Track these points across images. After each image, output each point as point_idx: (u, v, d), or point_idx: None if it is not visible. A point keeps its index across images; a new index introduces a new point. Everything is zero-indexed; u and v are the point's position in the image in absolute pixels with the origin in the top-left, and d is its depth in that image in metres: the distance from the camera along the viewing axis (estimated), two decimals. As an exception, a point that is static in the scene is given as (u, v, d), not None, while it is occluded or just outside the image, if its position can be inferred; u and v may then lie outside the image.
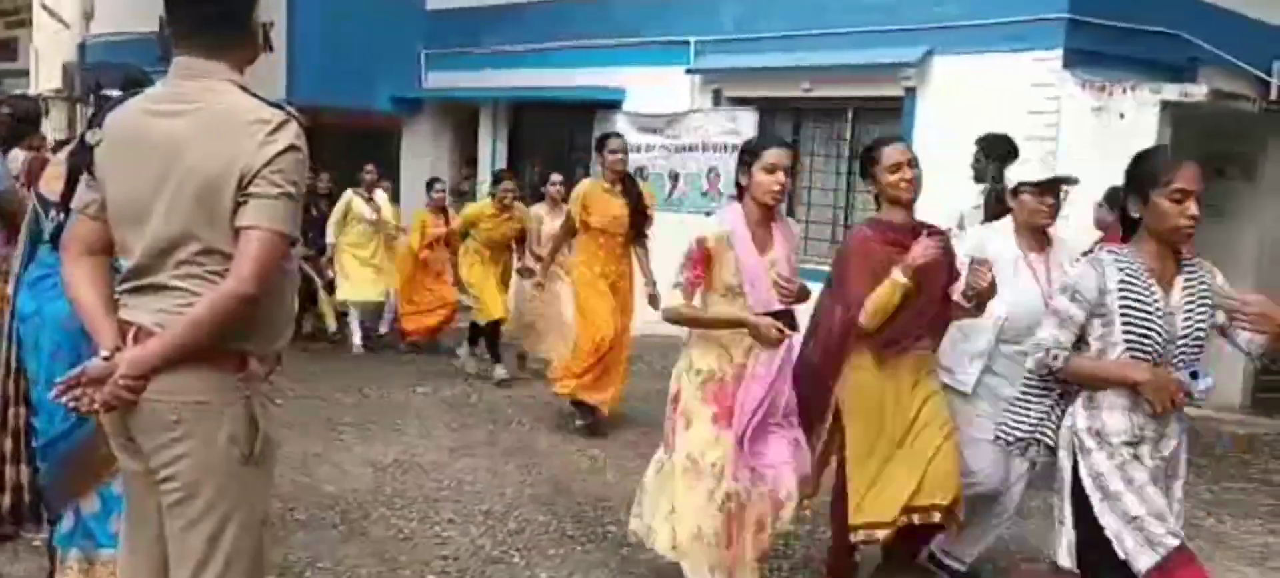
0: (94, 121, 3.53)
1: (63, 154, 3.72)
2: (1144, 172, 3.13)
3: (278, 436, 2.58)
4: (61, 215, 3.48)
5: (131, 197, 2.37)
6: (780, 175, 3.87)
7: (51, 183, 3.62)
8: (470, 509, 5.21)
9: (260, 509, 2.51)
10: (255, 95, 2.40)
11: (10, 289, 3.88)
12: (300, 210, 2.39)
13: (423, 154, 13.03)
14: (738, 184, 4.03)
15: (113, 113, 2.50)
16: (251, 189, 2.28)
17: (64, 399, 2.35)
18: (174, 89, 2.42)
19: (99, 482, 3.57)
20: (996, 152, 6.05)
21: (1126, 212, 3.26)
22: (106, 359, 2.32)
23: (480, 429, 6.81)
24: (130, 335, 2.37)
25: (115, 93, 3.52)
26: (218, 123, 2.33)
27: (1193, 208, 3.03)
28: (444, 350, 9.25)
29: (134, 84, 3.47)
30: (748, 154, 3.98)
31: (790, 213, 10.17)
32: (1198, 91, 7.83)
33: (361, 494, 5.34)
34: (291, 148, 2.32)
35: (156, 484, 2.41)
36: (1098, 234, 6.03)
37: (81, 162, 3.47)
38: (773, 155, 3.89)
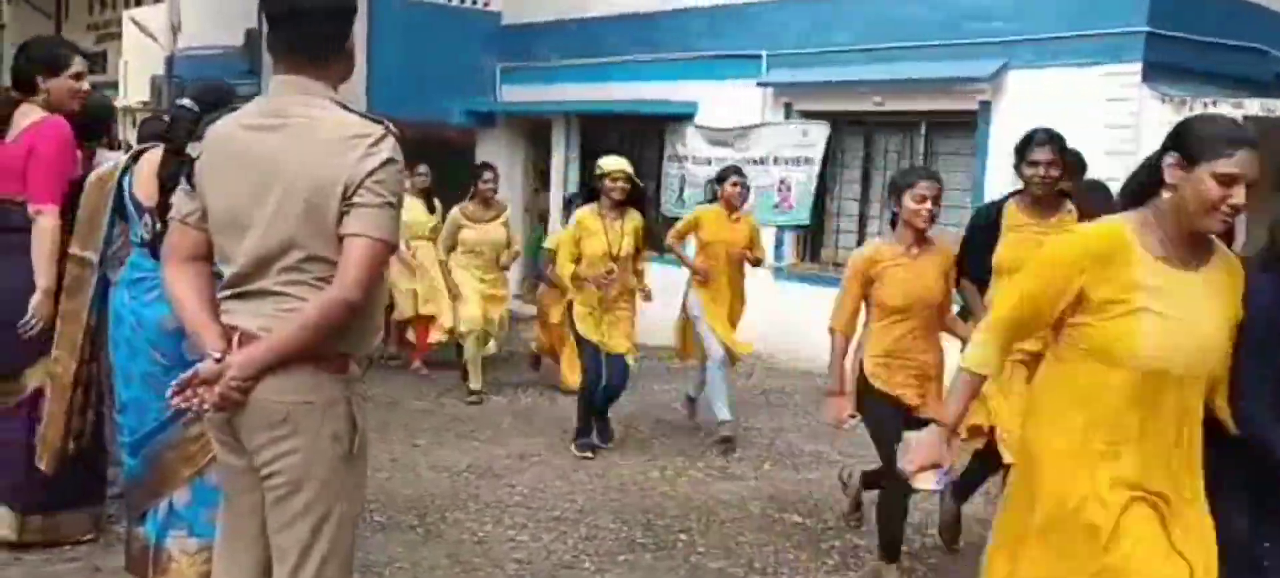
0: (171, 131, 3.72)
1: (149, 158, 3.83)
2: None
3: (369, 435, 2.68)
4: (157, 222, 3.63)
5: (232, 207, 2.48)
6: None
7: (145, 187, 3.75)
8: (542, 515, 5.30)
9: (357, 505, 2.62)
10: (352, 110, 2.51)
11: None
12: (399, 220, 2.49)
13: (497, 166, 13.22)
14: None
15: (213, 127, 2.61)
16: (355, 199, 2.38)
17: (177, 401, 2.46)
18: (274, 105, 2.52)
19: (189, 478, 3.69)
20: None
21: None
22: (217, 361, 2.42)
23: (552, 437, 6.89)
24: (235, 339, 2.47)
25: (187, 102, 3.69)
26: (321, 137, 2.43)
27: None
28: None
29: (212, 95, 3.67)
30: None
31: (861, 227, 10.17)
32: (1281, 106, 7.66)
33: (437, 499, 5.46)
34: (391, 160, 2.43)
35: (261, 481, 2.51)
36: None
37: (179, 172, 3.65)
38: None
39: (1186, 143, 2.61)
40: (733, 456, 6.57)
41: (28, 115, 4.18)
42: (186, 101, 3.71)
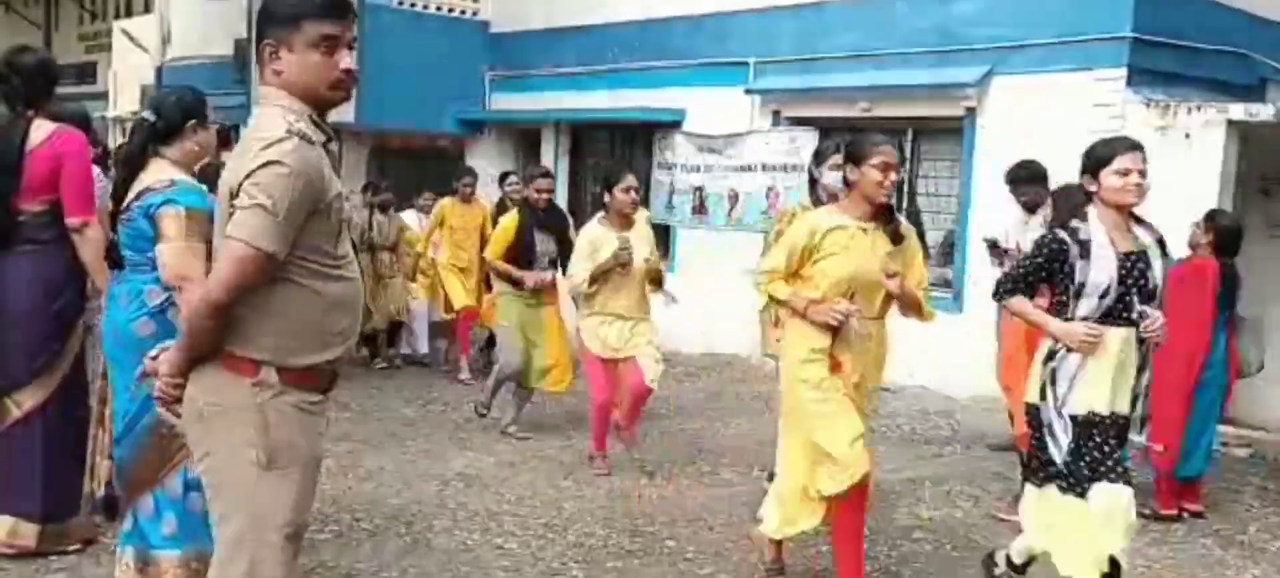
0: (129, 142, 3.80)
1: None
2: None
3: (314, 448, 2.61)
4: (113, 233, 3.77)
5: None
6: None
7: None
8: (531, 523, 5.31)
9: (278, 518, 2.52)
10: (287, 117, 2.45)
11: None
12: (287, 225, 2.39)
13: (487, 174, 13.26)
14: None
15: None
16: (235, 201, 2.41)
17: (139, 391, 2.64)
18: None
19: (152, 487, 3.74)
20: (1023, 176, 6.36)
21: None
22: (153, 359, 2.59)
23: (541, 444, 6.90)
24: None
25: (148, 115, 3.74)
26: (244, 141, 2.50)
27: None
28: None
29: (174, 110, 3.74)
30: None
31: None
32: (1265, 111, 7.71)
33: (425, 506, 5.47)
34: (272, 162, 2.37)
35: None
36: (1187, 252, 5.98)
37: (129, 180, 3.69)
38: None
39: None
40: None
41: (42, 128, 4.23)
42: (146, 113, 3.78)
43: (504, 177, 9.86)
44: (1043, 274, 3.97)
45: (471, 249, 8.93)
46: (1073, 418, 3.81)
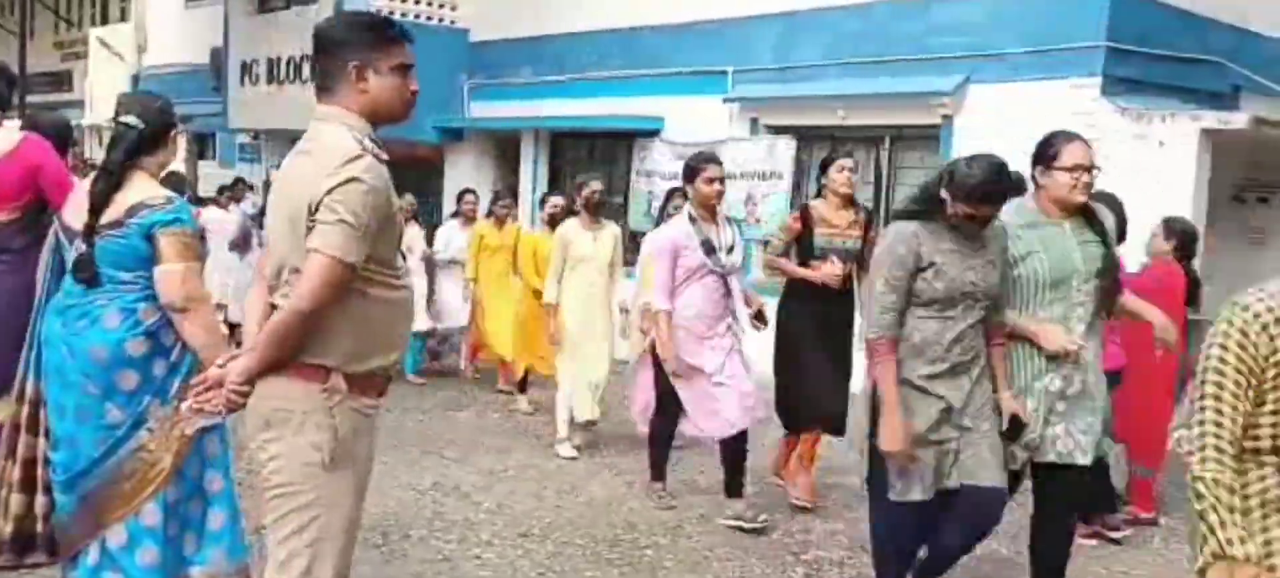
0: (111, 150, 3.66)
1: (84, 184, 3.75)
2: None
3: (370, 452, 2.81)
4: (86, 246, 3.54)
5: (272, 227, 2.74)
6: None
7: (76, 212, 3.61)
8: (509, 532, 5.30)
9: (343, 513, 2.71)
10: (354, 134, 2.64)
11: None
12: (365, 238, 2.55)
13: (465, 182, 13.22)
14: None
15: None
16: (316, 216, 2.53)
17: (192, 403, 2.71)
18: (309, 130, 2.72)
19: (124, 516, 3.58)
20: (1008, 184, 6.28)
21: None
22: (221, 367, 2.68)
23: (520, 454, 6.89)
24: None
25: (132, 121, 3.62)
26: (316, 157, 2.61)
27: None
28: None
29: (158, 118, 3.64)
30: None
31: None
32: (1239, 119, 7.79)
33: (402, 517, 5.44)
34: (353, 179, 2.53)
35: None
36: (1145, 260, 6.04)
37: (109, 191, 3.56)
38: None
39: None
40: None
41: (9, 137, 4.18)
42: (130, 119, 3.59)
43: (544, 199, 9.44)
44: None
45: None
46: None
